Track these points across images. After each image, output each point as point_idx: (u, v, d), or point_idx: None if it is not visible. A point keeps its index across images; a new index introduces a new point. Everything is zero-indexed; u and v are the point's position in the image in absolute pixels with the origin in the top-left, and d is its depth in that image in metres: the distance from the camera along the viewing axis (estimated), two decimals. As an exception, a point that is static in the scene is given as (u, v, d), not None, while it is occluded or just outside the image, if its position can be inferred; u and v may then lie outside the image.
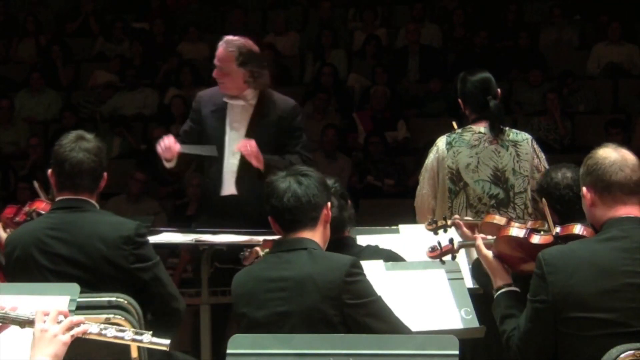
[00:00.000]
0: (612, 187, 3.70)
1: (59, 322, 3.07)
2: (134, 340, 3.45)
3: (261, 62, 5.99)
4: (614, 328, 3.55)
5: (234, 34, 6.14)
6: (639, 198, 3.73)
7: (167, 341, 3.44)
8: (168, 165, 5.95)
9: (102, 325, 3.39)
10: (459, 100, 5.73)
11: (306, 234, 3.88)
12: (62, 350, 2.97)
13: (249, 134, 5.89)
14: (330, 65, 12.13)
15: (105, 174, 4.49)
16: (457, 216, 5.07)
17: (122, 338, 3.43)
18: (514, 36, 12.27)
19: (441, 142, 5.66)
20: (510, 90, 11.40)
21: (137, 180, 10.48)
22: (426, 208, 5.63)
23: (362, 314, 3.74)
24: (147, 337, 3.44)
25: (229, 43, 5.94)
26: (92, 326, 3.34)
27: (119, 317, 4.12)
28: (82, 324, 3.22)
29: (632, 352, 3.47)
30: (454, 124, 6.09)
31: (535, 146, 5.61)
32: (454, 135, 5.65)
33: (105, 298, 4.21)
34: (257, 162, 5.76)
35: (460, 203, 5.53)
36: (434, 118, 11.55)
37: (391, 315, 3.82)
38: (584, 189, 3.78)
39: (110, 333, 3.39)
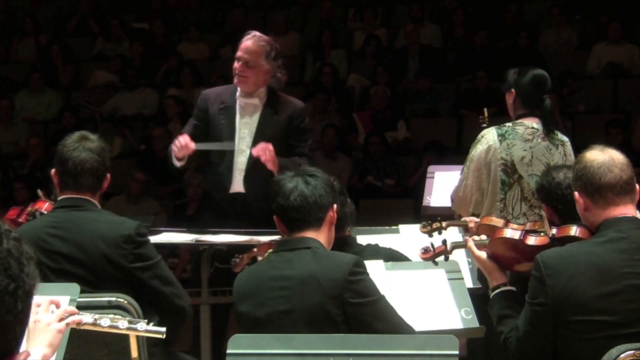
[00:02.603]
0: (602, 189, 3.68)
1: (52, 312, 3.05)
2: (129, 329, 3.44)
3: (282, 62, 5.98)
4: (614, 330, 3.54)
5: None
6: (631, 197, 3.71)
7: (163, 329, 3.43)
8: (179, 164, 5.93)
9: (97, 315, 3.38)
10: (512, 90, 5.55)
11: (310, 234, 3.87)
12: (57, 338, 2.94)
13: (259, 132, 5.88)
14: (330, 65, 12.13)
15: (108, 175, 4.50)
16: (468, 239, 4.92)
17: (116, 327, 3.43)
18: (514, 36, 12.27)
19: (490, 134, 5.49)
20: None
21: (137, 180, 10.47)
22: (469, 199, 5.48)
23: (365, 313, 3.73)
24: (142, 326, 3.44)
25: (259, 37, 5.92)
26: (86, 316, 3.32)
27: (119, 317, 4.12)
28: (76, 314, 3.21)
29: (632, 352, 3.47)
30: (485, 111, 5.98)
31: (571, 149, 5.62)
32: (505, 128, 5.50)
33: (105, 298, 4.20)
34: (272, 166, 5.76)
35: (515, 196, 5.44)
36: (434, 118, 11.55)
37: (394, 315, 3.80)
38: (576, 193, 3.76)
39: (105, 323, 3.38)
